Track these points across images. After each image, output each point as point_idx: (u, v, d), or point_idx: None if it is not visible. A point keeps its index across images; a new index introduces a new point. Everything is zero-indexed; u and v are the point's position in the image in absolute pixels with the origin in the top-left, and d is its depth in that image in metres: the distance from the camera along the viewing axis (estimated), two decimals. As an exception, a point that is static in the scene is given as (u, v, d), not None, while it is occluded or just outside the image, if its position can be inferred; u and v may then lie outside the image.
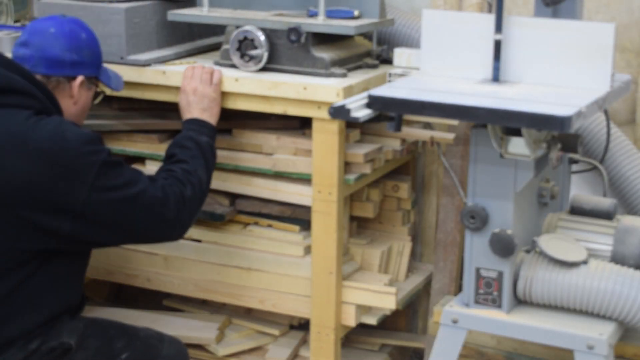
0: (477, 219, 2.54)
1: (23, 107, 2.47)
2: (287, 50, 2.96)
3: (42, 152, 2.41)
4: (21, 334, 2.47)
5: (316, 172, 2.91)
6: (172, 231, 2.63)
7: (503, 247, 2.52)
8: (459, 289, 3.27)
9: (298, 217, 3.08)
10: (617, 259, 2.62)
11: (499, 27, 2.56)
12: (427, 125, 3.26)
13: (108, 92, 2.85)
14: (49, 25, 2.63)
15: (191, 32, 3.31)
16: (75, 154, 2.43)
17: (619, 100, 2.69)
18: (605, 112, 2.95)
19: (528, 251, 2.62)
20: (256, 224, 3.15)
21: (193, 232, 3.18)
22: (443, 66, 2.68)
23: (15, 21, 3.54)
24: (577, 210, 2.78)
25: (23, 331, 2.47)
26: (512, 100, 2.38)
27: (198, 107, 2.86)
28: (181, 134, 2.81)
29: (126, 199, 2.49)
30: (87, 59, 2.66)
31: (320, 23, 2.92)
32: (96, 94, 2.77)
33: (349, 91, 2.83)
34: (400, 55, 2.80)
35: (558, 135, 2.60)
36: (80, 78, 2.63)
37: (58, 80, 2.61)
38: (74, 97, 2.64)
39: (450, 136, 3.15)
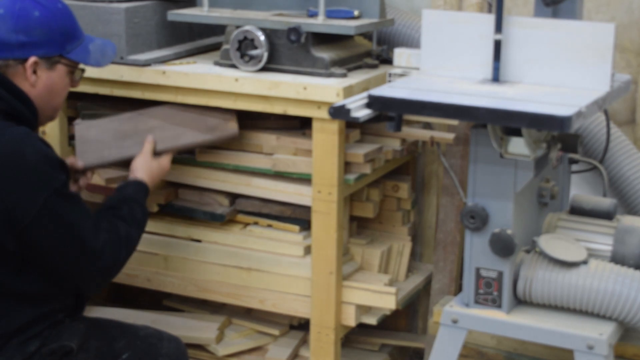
0: (477, 219, 2.54)
1: None
2: (287, 50, 2.96)
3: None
4: (16, 330, 2.46)
5: (316, 172, 2.91)
6: (89, 285, 2.56)
7: (503, 247, 2.52)
8: (459, 289, 3.27)
9: (298, 217, 3.08)
10: (617, 259, 2.62)
11: (499, 27, 2.56)
12: (427, 125, 3.27)
13: (88, 69, 2.70)
14: (7, 4, 2.48)
15: (191, 32, 3.31)
16: (30, 172, 2.37)
17: (619, 100, 2.69)
18: (605, 112, 2.95)
19: (528, 251, 2.62)
20: (256, 224, 3.15)
21: (193, 232, 3.19)
22: (443, 66, 2.68)
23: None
24: (577, 210, 2.78)
25: (18, 327, 2.46)
26: (512, 100, 2.38)
27: (149, 172, 2.80)
28: (132, 192, 2.72)
29: (65, 237, 2.42)
30: (40, 38, 2.49)
31: (320, 23, 2.92)
32: (73, 72, 2.62)
33: (349, 91, 2.83)
34: (400, 55, 2.80)
35: (558, 135, 2.60)
36: (32, 59, 2.48)
37: (7, 64, 2.48)
38: (30, 80, 2.50)
39: (450, 136, 3.15)
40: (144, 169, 2.80)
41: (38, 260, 2.45)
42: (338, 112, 2.42)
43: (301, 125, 3.06)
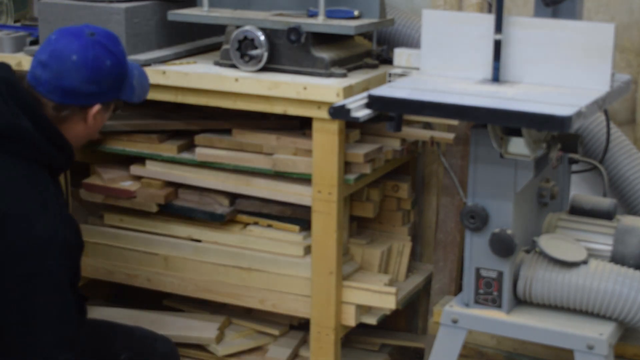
0: (477, 219, 2.54)
1: (22, 157, 2.36)
2: (287, 50, 2.96)
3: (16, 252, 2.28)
4: None
5: (316, 172, 2.91)
6: None
7: (503, 247, 2.52)
8: (459, 289, 3.27)
9: (298, 217, 3.08)
10: (617, 259, 2.62)
11: (499, 27, 2.56)
12: (427, 125, 3.26)
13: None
14: (72, 51, 2.40)
15: (191, 32, 3.31)
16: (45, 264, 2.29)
17: (619, 100, 2.69)
18: (605, 112, 2.95)
19: (528, 251, 2.62)
20: (256, 224, 3.15)
21: (193, 232, 3.19)
22: (443, 66, 2.68)
23: (15, 21, 3.53)
24: (577, 210, 2.78)
25: None
26: (512, 100, 2.38)
27: None
28: None
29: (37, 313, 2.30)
30: (108, 87, 2.47)
31: (320, 23, 2.92)
32: (115, 108, 2.63)
33: (349, 91, 2.83)
34: (400, 55, 2.80)
35: (558, 135, 2.60)
36: (96, 107, 2.47)
37: (72, 110, 2.44)
38: (88, 124, 2.48)
39: (450, 136, 3.15)
40: None
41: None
42: (338, 112, 2.42)
43: (301, 125, 3.06)
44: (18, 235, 2.27)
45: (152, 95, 3.07)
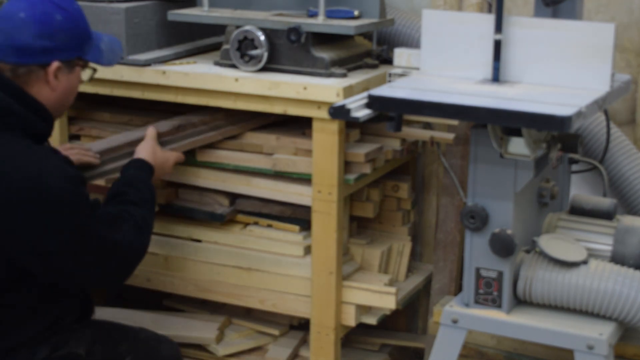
0: (477, 219, 2.54)
1: (4, 128, 2.37)
2: (287, 50, 2.96)
3: (19, 199, 2.30)
4: (25, 341, 2.45)
5: (316, 172, 2.91)
6: (118, 279, 2.57)
7: (503, 247, 2.52)
8: (459, 289, 3.27)
9: (298, 217, 3.08)
10: (617, 259, 2.62)
11: (499, 27, 2.56)
12: (427, 125, 3.27)
13: (99, 68, 2.62)
14: (20, 9, 2.40)
15: (191, 32, 3.31)
16: (55, 205, 2.32)
17: (619, 100, 2.69)
18: (605, 112, 2.95)
19: (528, 251, 2.62)
20: (256, 224, 3.15)
21: (193, 232, 3.19)
22: (443, 66, 2.68)
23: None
24: (577, 210, 2.78)
25: (27, 338, 2.45)
26: (512, 100, 2.38)
27: (151, 154, 2.79)
28: (135, 173, 2.71)
29: (90, 247, 2.40)
30: (63, 42, 2.42)
31: (320, 23, 2.92)
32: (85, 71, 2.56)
33: (349, 91, 2.83)
34: (400, 55, 2.80)
35: (558, 135, 2.60)
36: (55, 64, 2.42)
37: (30, 69, 2.40)
38: (51, 84, 2.43)
39: (450, 136, 3.15)
40: (146, 150, 2.79)
41: (64, 274, 2.43)
42: (338, 112, 2.42)
43: (301, 125, 3.06)
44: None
45: (152, 95, 3.08)
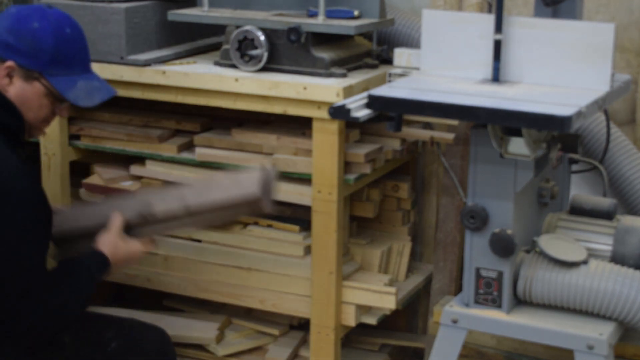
0: (477, 219, 2.54)
1: None
2: (287, 50, 2.96)
3: None
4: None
5: (316, 172, 2.91)
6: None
7: (503, 247, 2.52)
8: (459, 289, 3.27)
9: (298, 217, 3.08)
10: (617, 259, 2.62)
11: (499, 27, 2.56)
12: (427, 125, 3.26)
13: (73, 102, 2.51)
14: (14, 7, 2.45)
15: (191, 32, 3.31)
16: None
17: (619, 100, 2.69)
18: (605, 112, 2.95)
19: (528, 251, 2.62)
20: (256, 224, 3.15)
21: (193, 232, 3.18)
22: (443, 66, 2.68)
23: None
24: (577, 210, 2.78)
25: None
26: (512, 100, 2.38)
27: (113, 249, 2.57)
28: (88, 261, 2.53)
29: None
30: (26, 48, 2.41)
31: (320, 23, 2.92)
32: (58, 100, 2.48)
33: (349, 91, 2.83)
34: (400, 55, 2.80)
35: (558, 135, 2.60)
36: (9, 62, 2.41)
37: None
38: (3, 82, 2.42)
39: (450, 136, 3.15)
40: (108, 244, 2.56)
41: None
42: (338, 112, 2.42)
43: (301, 125, 3.06)
44: None
45: (152, 95, 3.07)
